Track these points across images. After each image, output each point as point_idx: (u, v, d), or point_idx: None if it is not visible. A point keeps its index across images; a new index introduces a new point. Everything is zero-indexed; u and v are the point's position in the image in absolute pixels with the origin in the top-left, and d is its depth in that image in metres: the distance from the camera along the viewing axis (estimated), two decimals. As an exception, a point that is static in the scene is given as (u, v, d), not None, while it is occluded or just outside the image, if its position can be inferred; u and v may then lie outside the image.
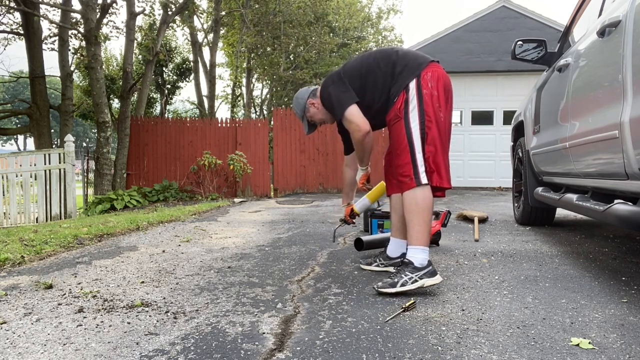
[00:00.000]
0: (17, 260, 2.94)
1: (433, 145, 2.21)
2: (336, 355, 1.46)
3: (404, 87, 2.26)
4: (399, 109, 2.26)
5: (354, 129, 2.35)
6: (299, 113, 2.62)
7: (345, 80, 2.40)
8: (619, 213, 1.96)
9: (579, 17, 3.22)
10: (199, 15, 15.85)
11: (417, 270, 2.09)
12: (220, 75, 22.24)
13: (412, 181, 2.19)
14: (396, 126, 2.28)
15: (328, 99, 2.43)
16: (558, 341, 1.55)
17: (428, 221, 2.19)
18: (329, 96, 2.42)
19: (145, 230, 4.35)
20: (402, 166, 2.23)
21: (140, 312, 1.90)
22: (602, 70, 2.28)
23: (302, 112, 2.60)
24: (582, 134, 2.46)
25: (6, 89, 35.84)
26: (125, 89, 10.48)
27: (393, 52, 2.40)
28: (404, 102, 2.25)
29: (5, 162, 7.87)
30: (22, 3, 10.18)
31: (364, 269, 2.63)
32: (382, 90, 2.34)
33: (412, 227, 2.18)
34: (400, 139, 2.25)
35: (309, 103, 2.57)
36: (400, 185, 2.26)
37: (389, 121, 2.33)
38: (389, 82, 2.33)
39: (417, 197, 2.17)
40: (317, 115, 2.58)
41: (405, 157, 2.22)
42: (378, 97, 2.36)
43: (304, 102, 2.58)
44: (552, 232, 3.87)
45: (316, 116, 2.58)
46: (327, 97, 2.44)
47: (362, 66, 2.40)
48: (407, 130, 2.22)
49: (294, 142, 10.53)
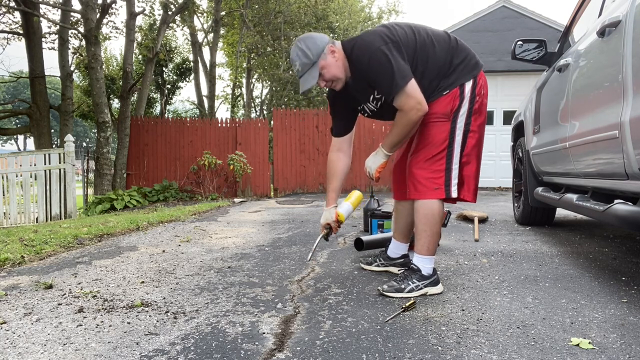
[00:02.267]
0: (17, 260, 2.94)
1: (470, 156, 2.07)
2: (336, 355, 1.46)
3: (460, 84, 2.03)
4: (451, 109, 2.02)
5: (413, 106, 1.93)
6: (312, 58, 2.01)
7: (402, 48, 1.98)
8: (619, 213, 1.96)
9: (579, 17, 3.22)
10: (199, 15, 15.86)
11: (423, 278, 2.07)
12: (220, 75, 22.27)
13: (441, 192, 2.02)
14: (437, 126, 2.04)
15: (380, 64, 1.93)
16: (558, 341, 1.55)
17: (439, 232, 2.12)
18: (383, 61, 1.93)
19: (145, 230, 4.35)
20: (434, 172, 2.03)
21: (140, 312, 1.90)
22: (602, 70, 2.27)
23: (316, 57, 2.01)
24: (582, 134, 2.45)
25: (6, 89, 35.84)
26: (125, 89, 10.48)
27: (450, 38, 2.09)
28: (459, 102, 2.02)
29: (5, 162, 7.87)
30: (22, 3, 10.19)
31: (364, 268, 2.59)
32: (432, 77, 2.03)
33: (424, 236, 2.08)
34: (439, 142, 2.03)
35: (329, 49, 2.03)
36: (422, 192, 2.04)
37: (424, 116, 2.02)
38: (443, 71, 2.03)
39: (435, 208, 2.05)
40: (332, 68, 2.04)
41: (440, 164, 2.03)
42: (426, 82, 2.02)
43: (323, 45, 2.02)
44: (552, 232, 3.87)
45: (330, 69, 2.04)
46: (380, 61, 1.93)
47: (416, 40, 2.02)
48: (451, 135, 2.02)
49: (294, 142, 10.53)
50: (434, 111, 2.03)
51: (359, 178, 10.49)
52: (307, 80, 2.02)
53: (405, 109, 1.95)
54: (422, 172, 2.05)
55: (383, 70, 1.94)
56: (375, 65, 1.95)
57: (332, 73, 2.04)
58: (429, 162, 2.04)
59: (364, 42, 1.99)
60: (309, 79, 2.02)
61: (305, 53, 2.01)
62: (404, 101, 1.95)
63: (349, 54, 2.04)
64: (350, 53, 2.03)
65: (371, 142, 10.42)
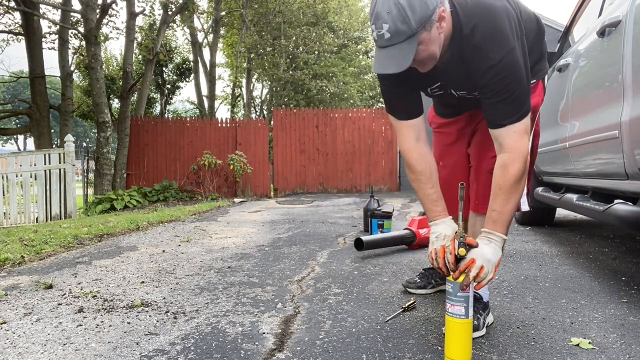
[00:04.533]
0: (17, 260, 2.94)
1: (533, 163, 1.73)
2: (336, 355, 1.46)
3: (542, 77, 1.65)
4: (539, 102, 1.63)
5: (527, 147, 1.40)
6: (412, 25, 1.27)
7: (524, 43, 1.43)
8: (619, 213, 1.96)
9: (579, 17, 3.22)
10: (199, 15, 15.85)
11: (486, 307, 1.67)
12: (220, 75, 22.25)
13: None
14: None
15: (514, 77, 1.37)
16: (558, 341, 1.55)
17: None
18: (520, 74, 1.38)
19: (145, 230, 4.35)
20: None
21: (140, 312, 1.90)
22: (602, 70, 2.27)
23: (420, 24, 1.28)
24: (582, 134, 2.46)
25: (6, 89, 35.84)
26: (125, 89, 10.48)
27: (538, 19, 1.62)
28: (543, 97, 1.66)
29: (5, 162, 7.86)
30: (22, 3, 10.19)
31: (414, 293, 2.09)
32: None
33: None
34: None
35: (440, 12, 1.32)
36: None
37: None
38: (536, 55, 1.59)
39: None
40: (433, 45, 1.35)
41: None
42: None
43: (434, 5, 1.29)
44: (552, 232, 3.87)
45: (430, 47, 1.35)
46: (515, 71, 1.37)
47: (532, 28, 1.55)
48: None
49: (294, 142, 10.53)
50: None
51: (359, 179, 10.49)
52: (396, 58, 1.31)
53: (522, 147, 1.38)
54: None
55: (517, 84, 1.37)
56: (508, 72, 1.36)
57: (431, 51, 1.36)
58: None
59: (497, 29, 1.37)
60: (400, 57, 1.31)
61: (404, 14, 1.26)
62: (521, 135, 1.37)
63: (467, 32, 1.40)
64: (469, 32, 1.39)
65: (371, 142, 10.42)
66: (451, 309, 1.35)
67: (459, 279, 1.35)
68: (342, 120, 10.56)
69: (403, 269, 2.63)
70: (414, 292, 2.11)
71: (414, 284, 2.13)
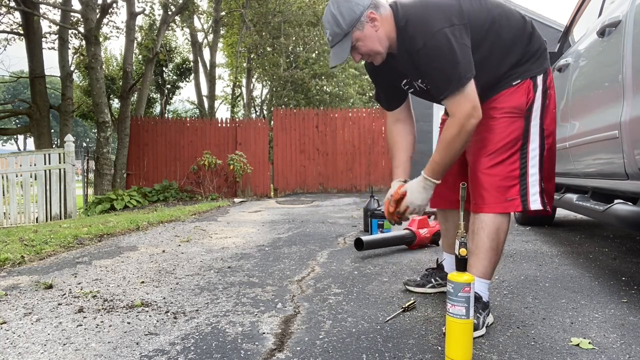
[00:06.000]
0: (17, 260, 2.94)
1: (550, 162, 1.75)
2: (336, 355, 1.46)
3: (532, 76, 1.69)
4: (526, 102, 1.68)
5: (469, 113, 1.56)
6: (343, 27, 1.61)
7: (468, 30, 1.58)
8: (619, 213, 1.96)
9: (579, 17, 3.22)
10: (199, 15, 15.85)
11: (486, 307, 1.69)
12: (220, 75, 22.25)
13: (516, 204, 1.66)
14: (508, 122, 1.67)
15: (439, 54, 1.54)
16: (558, 341, 1.55)
17: (501, 253, 1.76)
18: (444, 50, 1.53)
19: (145, 230, 4.35)
20: (506, 179, 1.67)
21: (140, 312, 1.90)
22: (602, 70, 2.27)
23: (349, 26, 1.60)
24: (582, 134, 2.46)
25: (6, 89, 35.85)
26: (125, 89, 10.48)
27: (526, 21, 1.73)
28: (533, 95, 1.69)
29: (5, 162, 7.86)
30: (22, 3, 10.19)
31: (414, 291, 2.12)
32: (498, 63, 1.68)
33: (488, 257, 1.69)
34: (511, 142, 1.67)
35: (368, 15, 1.61)
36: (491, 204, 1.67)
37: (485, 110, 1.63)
38: (515, 57, 1.69)
39: (503, 223, 1.68)
40: (370, 41, 1.64)
41: (514, 168, 1.67)
42: (491, 69, 1.68)
43: (360, 10, 1.60)
44: (552, 232, 3.87)
45: (367, 43, 1.64)
46: (439, 50, 1.53)
47: (486, 19, 1.65)
48: (525, 134, 1.67)
49: (294, 142, 10.53)
50: (506, 104, 1.68)
51: (358, 179, 10.50)
52: (337, 54, 1.66)
53: (458, 114, 1.57)
54: (490, 180, 1.68)
55: (441, 59, 1.54)
56: (432, 50, 1.54)
57: (369, 47, 1.65)
58: (500, 168, 1.67)
59: (423, 19, 1.58)
60: (339, 52, 1.65)
61: (336, 20, 1.61)
62: (458, 103, 1.56)
63: (402, 26, 1.62)
64: (403, 25, 1.62)
65: (371, 142, 10.43)
66: (452, 309, 1.36)
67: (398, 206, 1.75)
68: (342, 120, 10.56)
69: (403, 269, 2.63)
70: (412, 290, 2.13)
71: (413, 282, 2.17)
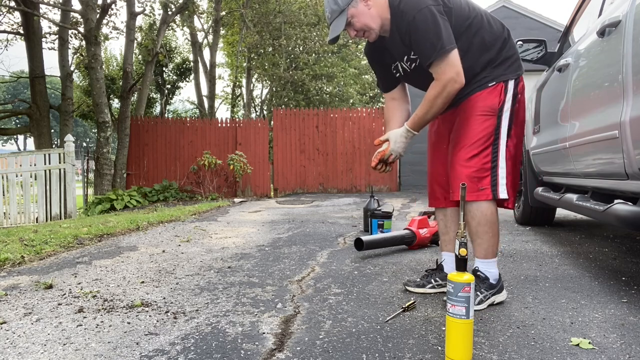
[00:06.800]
0: (17, 260, 2.94)
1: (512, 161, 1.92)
2: (336, 355, 1.46)
3: (504, 80, 1.90)
4: (498, 102, 1.88)
5: (452, 77, 1.77)
6: (340, 4, 1.88)
7: (452, 17, 1.84)
8: (619, 213, 1.96)
9: (579, 17, 3.22)
10: (199, 15, 15.86)
11: (492, 287, 1.89)
12: (220, 75, 22.25)
13: (486, 193, 1.86)
14: (483, 120, 1.87)
15: (425, 23, 1.77)
16: (558, 341, 1.55)
17: (498, 232, 1.95)
18: (429, 21, 1.77)
19: (145, 230, 4.35)
20: (479, 171, 1.86)
21: (140, 312, 1.90)
22: (602, 70, 2.27)
23: (345, 4, 1.87)
24: (582, 134, 2.45)
25: (6, 89, 35.85)
26: (125, 89, 10.48)
27: (504, 29, 1.97)
28: (504, 97, 1.88)
29: (5, 162, 7.86)
30: (22, 3, 10.19)
31: (413, 292, 2.15)
32: (475, 60, 1.90)
33: (486, 239, 1.90)
34: (484, 138, 1.87)
35: None
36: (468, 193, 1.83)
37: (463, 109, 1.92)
38: (491, 59, 1.90)
39: (489, 210, 1.88)
40: (364, 17, 1.90)
41: (486, 162, 1.86)
42: (468, 64, 1.86)
43: None
44: (552, 232, 3.87)
45: (361, 18, 1.90)
46: (426, 20, 1.77)
47: (469, 16, 1.89)
48: (496, 132, 1.86)
49: (294, 142, 10.53)
50: (481, 104, 1.88)
51: (359, 179, 10.49)
52: (334, 28, 1.90)
53: (442, 78, 1.78)
54: (466, 171, 1.87)
55: (427, 30, 1.77)
56: (420, 23, 1.78)
57: (363, 22, 1.89)
58: (474, 160, 1.86)
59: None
60: (336, 27, 1.90)
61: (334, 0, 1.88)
62: (443, 69, 1.78)
63: (396, 5, 1.86)
64: (397, 4, 1.86)
65: (371, 142, 10.41)
66: (452, 309, 1.36)
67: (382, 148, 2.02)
68: (342, 120, 10.56)
69: (403, 269, 2.63)
70: (412, 291, 2.14)
71: (413, 282, 2.18)
